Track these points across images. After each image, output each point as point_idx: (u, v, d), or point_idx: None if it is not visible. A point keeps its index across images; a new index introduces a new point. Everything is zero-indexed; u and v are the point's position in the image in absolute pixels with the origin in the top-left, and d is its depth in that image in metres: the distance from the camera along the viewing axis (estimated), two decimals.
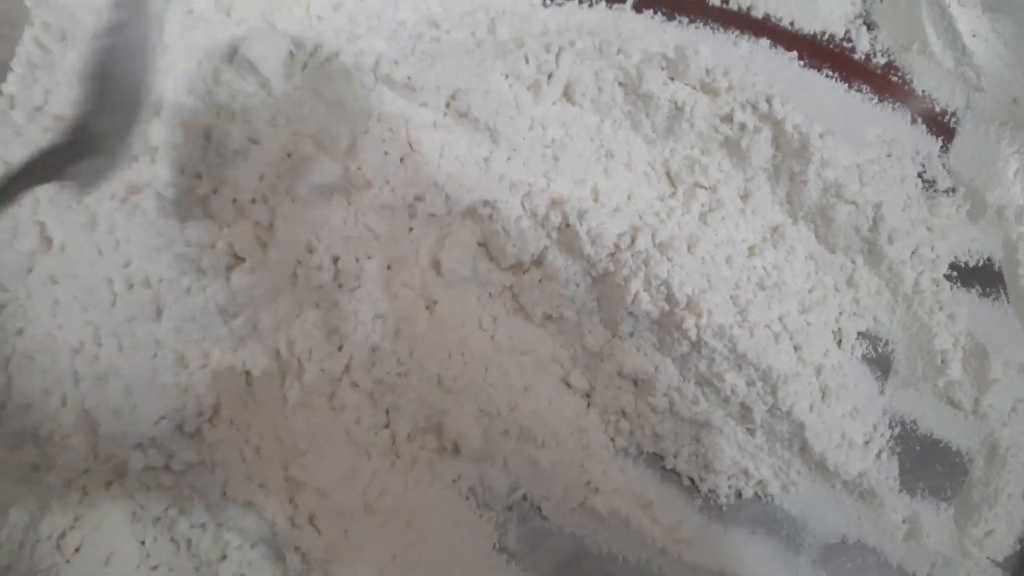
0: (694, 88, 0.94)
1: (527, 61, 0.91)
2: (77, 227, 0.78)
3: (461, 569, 0.85)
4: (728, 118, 0.93)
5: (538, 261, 0.89)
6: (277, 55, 0.85)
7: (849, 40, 1.06)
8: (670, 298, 0.85)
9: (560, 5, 1.03)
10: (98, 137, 0.64)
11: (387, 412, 0.85)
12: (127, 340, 0.78)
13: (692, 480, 0.90)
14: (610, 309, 0.88)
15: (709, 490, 0.90)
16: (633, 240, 0.85)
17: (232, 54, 0.84)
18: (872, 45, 1.06)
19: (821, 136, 0.91)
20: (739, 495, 0.90)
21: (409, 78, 0.86)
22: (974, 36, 1.04)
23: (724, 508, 0.90)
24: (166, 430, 0.75)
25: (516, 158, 0.90)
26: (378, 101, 0.87)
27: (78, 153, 0.64)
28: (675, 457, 0.90)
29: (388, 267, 0.86)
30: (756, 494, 0.90)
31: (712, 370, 0.87)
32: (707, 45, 0.95)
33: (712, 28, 1.05)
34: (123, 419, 0.75)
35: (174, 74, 0.83)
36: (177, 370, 0.78)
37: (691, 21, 1.04)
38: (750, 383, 0.86)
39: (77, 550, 0.76)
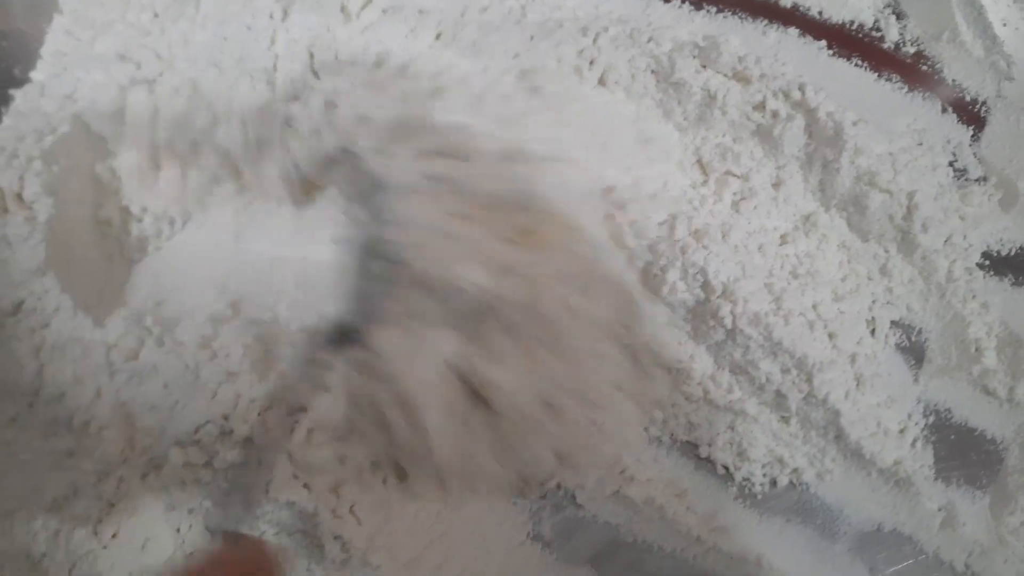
0: (726, 76, 0.93)
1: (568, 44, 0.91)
2: None
3: (495, 557, 0.85)
4: (760, 106, 0.92)
5: None
6: None
7: (878, 30, 1.06)
8: (706, 286, 0.85)
9: None
10: None
11: None
12: (168, 338, 0.78)
13: (726, 468, 0.89)
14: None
15: (744, 479, 0.89)
16: (672, 229, 0.84)
17: None
18: (901, 35, 1.06)
19: (854, 124, 0.91)
20: (774, 483, 0.90)
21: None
22: (1004, 25, 1.03)
23: (759, 496, 0.89)
24: (211, 433, 0.75)
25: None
26: None
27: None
28: (709, 446, 0.89)
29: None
30: (791, 482, 0.90)
31: (747, 358, 0.87)
32: (736, 35, 0.94)
33: (740, 18, 1.03)
34: (162, 415, 0.75)
35: None
36: (223, 377, 0.78)
37: (719, 11, 1.03)
38: (785, 371, 0.86)
39: (114, 536, 0.75)
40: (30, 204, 0.74)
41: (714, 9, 1.03)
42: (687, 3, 1.02)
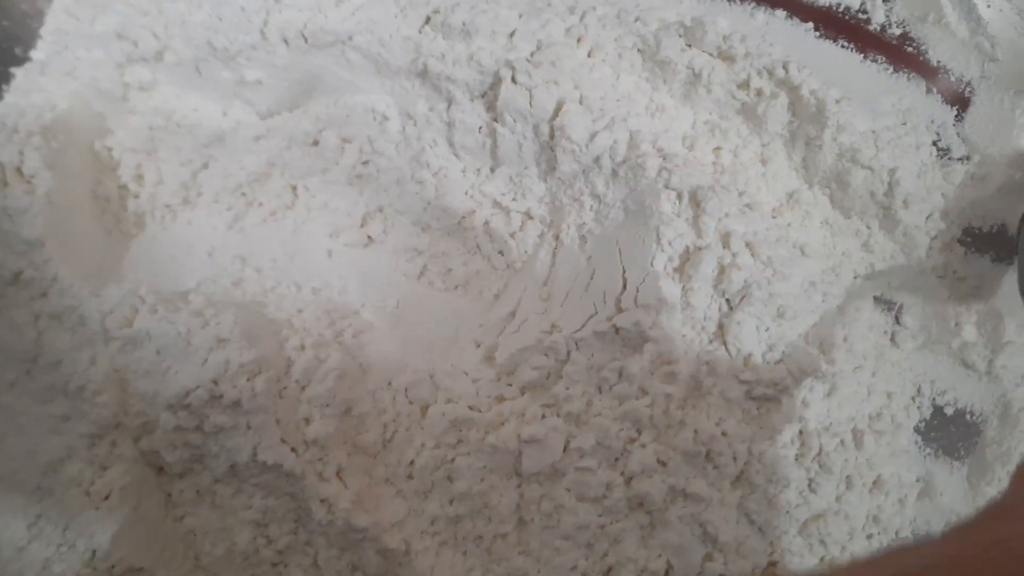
0: (711, 55, 0.95)
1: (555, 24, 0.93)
2: None
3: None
4: (745, 84, 0.94)
5: None
6: None
7: (864, 11, 1.07)
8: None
9: None
10: None
11: None
12: (162, 305, 0.80)
13: None
14: None
15: None
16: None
17: None
18: (887, 16, 1.07)
19: (837, 102, 0.92)
20: None
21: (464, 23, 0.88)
22: (989, 6, 1.04)
23: None
24: (201, 398, 0.77)
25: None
26: None
27: None
28: None
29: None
30: None
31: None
32: (724, 16, 0.96)
33: (728, 0, 1.05)
34: (154, 381, 0.77)
35: None
36: (214, 344, 0.80)
37: None
38: None
39: (106, 498, 0.77)
40: (29, 178, 0.76)
41: None
42: None
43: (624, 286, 0.87)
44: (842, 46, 1.05)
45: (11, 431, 0.76)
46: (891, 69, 1.04)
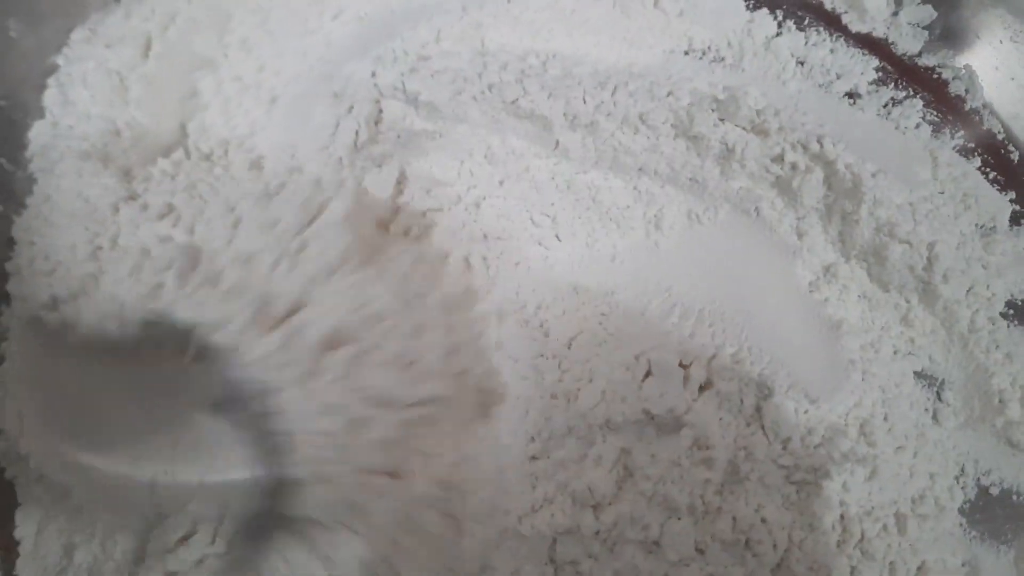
0: (745, 129, 0.94)
1: (584, 101, 0.92)
2: None
3: None
4: (779, 158, 0.93)
5: None
6: None
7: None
8: None
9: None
10: None
11: None
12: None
13: None
14: None
15: None
16: None
17: None
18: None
19: (873, 175, 0.91)
20: None
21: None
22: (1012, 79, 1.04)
23: None
24: None
25: None
26: None
27: None
28: None
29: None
30: None
31: None
32: (756, 86, 0.95)
33: (761, 69, 1.04)
34: None
35: None
36: None
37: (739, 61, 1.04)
38: None
39: None
40: None
41: (733, 61, 1.04)
42: (706, 56, 1.03)
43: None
44: (876, 115, 1.04)
45: None
46: (929, 134, 1.03)
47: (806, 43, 1.05)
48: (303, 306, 0.75)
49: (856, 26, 1.06)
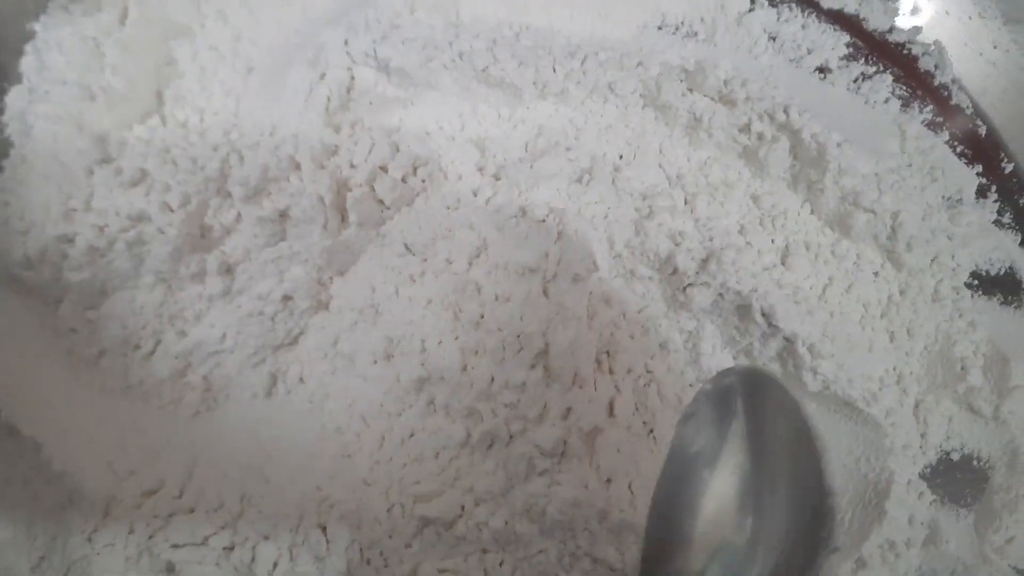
0: (712, 99, 0.95)
1: (554, 70, 0.94)
2: None
3: None
4: (746, 128, 0.94)
5: None
6: None
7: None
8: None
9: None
10: None
11: None
12: None
13: None
14: None
15: None
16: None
17: None
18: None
19: (839, 145, 0.93)
20: None
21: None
22: (995, 47, 1.04)
23: None
24: None
25: None
26: None
27: None
28: None
29: None
30: None
31: None
32: (728, 61, 0.96)
33: (733, 44, 1.05)
34: None
35: None
36: None
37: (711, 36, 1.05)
38: None
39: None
40: None
41: (703, 35, 1.04)
42: (680, 30, 1.04)
43: None
44: (847, 88, 1.05)
45: None
46: (897, 108, 1.04)
47: (778, 18, 1.05)
48: None
49: (828, 2, 1.07)
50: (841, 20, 1.07)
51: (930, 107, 1.04)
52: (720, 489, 0.72)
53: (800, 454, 0.69)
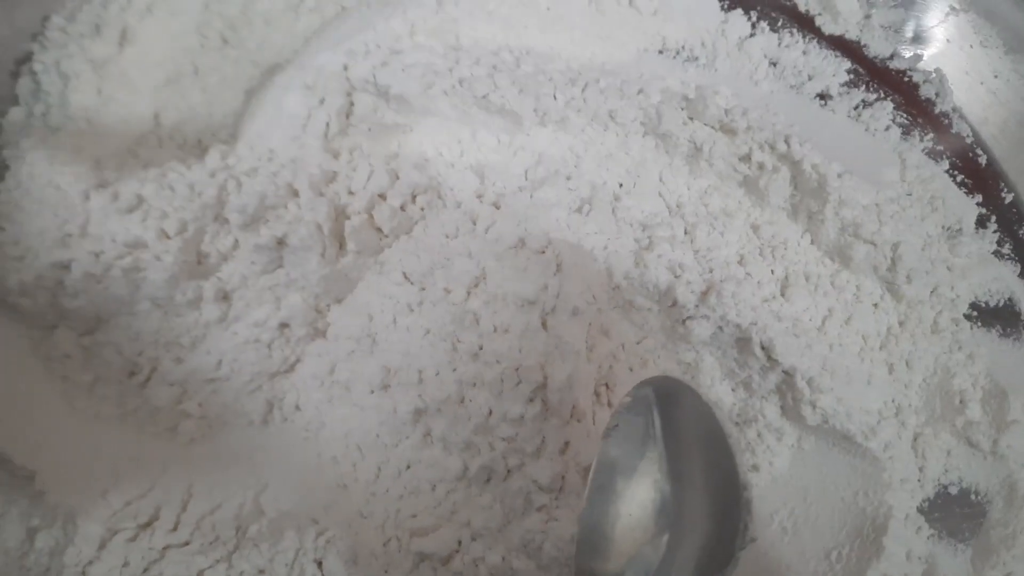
0: (713, 128, 0.95)
1: (555, 97, 0.93)
2: None
3: None
4: (747, 158, 0.94)
5: None
6: None
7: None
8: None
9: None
10: None
11: None
12: None
13: None
14: None
15: None
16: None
17: None
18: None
19: (839, 176, 0.92)
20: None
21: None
22: (996, 77, 1.04)
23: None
24: None
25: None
26: None
27: None
28: None
29: None
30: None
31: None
32: (728, 86, 0.96)
33: (734, 69, 1.05)
34: None
35: None
36: None
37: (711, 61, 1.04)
38: None
39: None
40: None
41: (706, 60, 1.04)
42: (680, 55, 1.04)
43: None
44: (848, 116, 1.04)
45: None
46: (898, 136, 1.04)
47: (779, 44, 1.05)
48: None
49: (829, 28, 1.07)
50: (842, 46, 1.07)
51: (931, 135, 1.04)
52: (640, 495, 0.79)
53: (714, 454, 0.80)
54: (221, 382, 0.86)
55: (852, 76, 1.06)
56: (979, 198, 1.02)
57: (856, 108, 1.04)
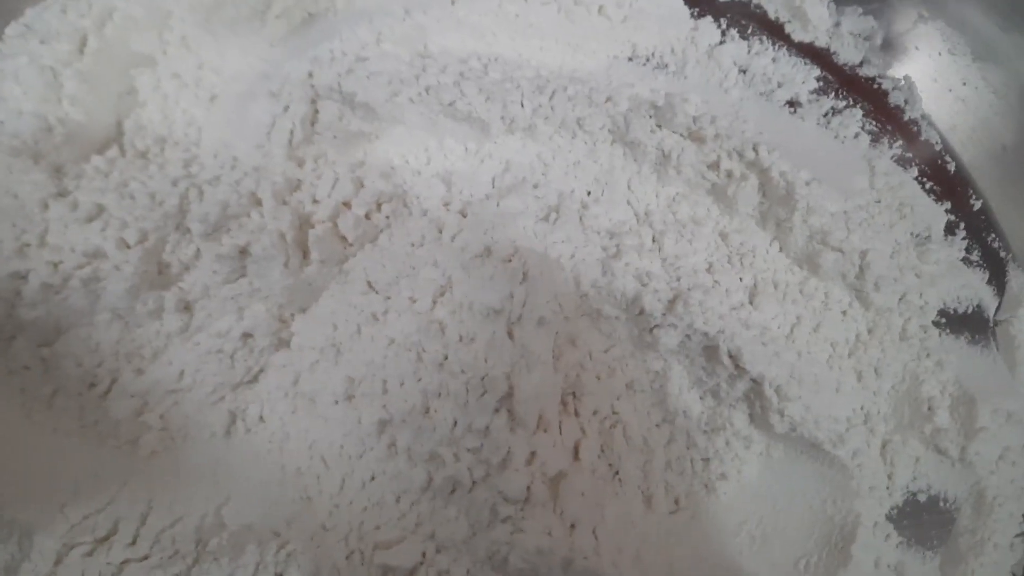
0: (682, 136, 0.95)
1: (522, 104, 0.93)
2: None
3: None
4: (715, 165, 0.94)
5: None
6: None
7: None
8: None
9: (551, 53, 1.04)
10: None
11: None
12: None
13: None
14: None
15: None
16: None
17: None
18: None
19: (807, 183, 0.92)
20: None
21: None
22: (964, 84, 1.05)
23: None
24: None
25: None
26: None
27: None
28: None
29: None
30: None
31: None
32: (697, 94, 0.96)
33: (703, 77, 1.04)
34: None
35: None
36: None
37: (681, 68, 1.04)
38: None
39: None
40: None
41: (674, 68, 1.04)
42: (650, 62, 1.04)
43: None
44: (816, 124, 1.04)
45: None
46: (867, 144, 1.04)
47: (749, 51, 1.05)
48: None
49: (799, 35, 1.07)
50: (812, 53, 1.07)
51: (900, 143, 1.04)
52: None
53: None
54: (183, 393, 0.84)
55: (821, 83, 1.06)
56: (948, 205, 1.03)
57: (825, 115, 1.04)
